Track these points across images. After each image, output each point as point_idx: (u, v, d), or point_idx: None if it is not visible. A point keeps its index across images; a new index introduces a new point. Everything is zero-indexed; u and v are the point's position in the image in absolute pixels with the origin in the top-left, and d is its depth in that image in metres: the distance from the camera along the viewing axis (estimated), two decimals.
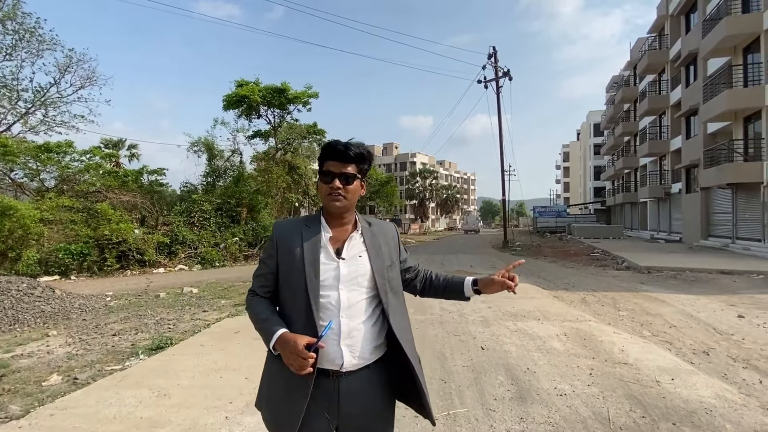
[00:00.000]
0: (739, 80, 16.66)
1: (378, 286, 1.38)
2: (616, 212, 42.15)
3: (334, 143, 1.40)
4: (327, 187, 1.37)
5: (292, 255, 1.36)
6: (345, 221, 1.44)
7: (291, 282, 1.35)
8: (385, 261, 1.43)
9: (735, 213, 17.75)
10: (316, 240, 1.38)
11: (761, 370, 4.10)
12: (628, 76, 36.64)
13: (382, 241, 1.47)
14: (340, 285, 1.33)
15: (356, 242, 1.42)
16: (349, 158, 1.38)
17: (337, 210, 1.40)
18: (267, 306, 1.40)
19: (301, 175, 26.33)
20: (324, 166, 1.40)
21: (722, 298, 7.86)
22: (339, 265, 1.35)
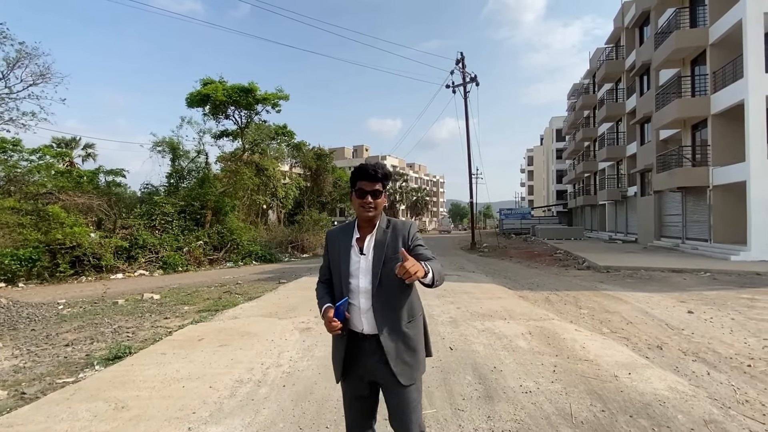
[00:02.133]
0: (688, 90, 17.79)
1: (373, 275, 1.80)
2: (578, 214, 43.91)
3: (365, 167, 1.85)
4: (361, 201, 1.83)
5: (334, 253, 1.93)
6: (373, 225, 1.89)
7: (335, 272, 1.91)
8: (388, 253, 1.81)
9: (685, 215, 18.91)
10: (348, 241, 1.89)
11: (709, 363, 4.38)
12: (588, 84, 38.34)
13: (391, 237, 1.85)
14: (360, 274, 1.82)
15: (371, 242, 1.85)
16: (377, 178, 1.83)
17: (368, 218, 1.86)
18: (323, 288, 1.97)
19: (269, 176, 25.85)
20: (357, 185, 1.85)
21: (674, 295, 8.33)
22: (361, 260, 1.83)
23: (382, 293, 1.79)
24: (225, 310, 7.25)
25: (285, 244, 22.51)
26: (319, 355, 4.58)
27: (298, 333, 5.51)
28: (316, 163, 39.53)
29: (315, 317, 6.44)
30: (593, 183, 36.81)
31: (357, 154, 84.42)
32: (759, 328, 5.70)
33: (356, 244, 1.86)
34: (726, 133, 15.80)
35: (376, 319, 1.78)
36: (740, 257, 13.43)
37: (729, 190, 15.58)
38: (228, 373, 4.03)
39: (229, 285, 10.89)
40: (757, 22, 13.78)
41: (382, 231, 1.87)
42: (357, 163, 1.89)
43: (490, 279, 10.95)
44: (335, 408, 3.23)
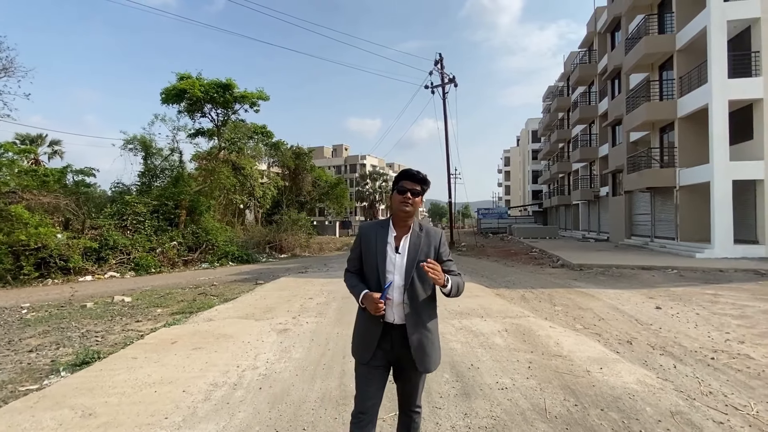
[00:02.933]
0: (656, 94, 18.48)
1: (406, 272, 1.99)
2: (552, 214, 44.98)
3: (408, 170, 2.08)
4: (401, 197, 2.03)
5: (369, 247, 2.07)
6: (407, 225, 2.07)
7: (369, 264, 2.06)
8: (420, 256, 2.01)
9: (653, 214, 19.63)
10: (385, 238, 2.06)
11: (675, 356, 4.55)
12: (562, 86, 39.32)
13: (424, 242, 2.05)
14: (396, 270, 2.00)
15: (407, 242, 2.04)
16: (418, 180, 2.05)
17: (405, 214, 2.04)
18: (355, 277, 2.12)
19: (246, 175, 25.42)
20: (400, 184, 2.05)
21: (643, 291, 8.64)
22: (397, 257, 2.01)
23: (412, 291, 2.00)
24: (200, 312, 7.08)
25: (263, 244, 22.17)
26: (296, 356, 4.53)
27: (275, 334, 5.44)
28: (294, 162, 39.13)
29: (293, 318, 6.37)
30: (567, 183, 37.78)
31: (336, 154, 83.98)
32: (721, 323, 5.97)
33: (393, 242, 2.04)
34: (691, 135, 16.49)
35: (405, 312, 1.98)
36: (704, 255, 14.04)
37: (694, 191, 16.27)
38: (202, 376, 3.93)
39: (204, 286, 10.65)
40: (720, 30, 14.43)
41: (416, 234, 2.06)
42: (336, 163, 1.95)
43: (468, 277, 11.08)
44: (312, 409, 3.20)
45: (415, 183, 2.04)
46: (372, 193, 66.48)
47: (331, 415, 3.11)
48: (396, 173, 10.64)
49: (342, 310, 6.89)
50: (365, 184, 66.82)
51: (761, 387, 3.66)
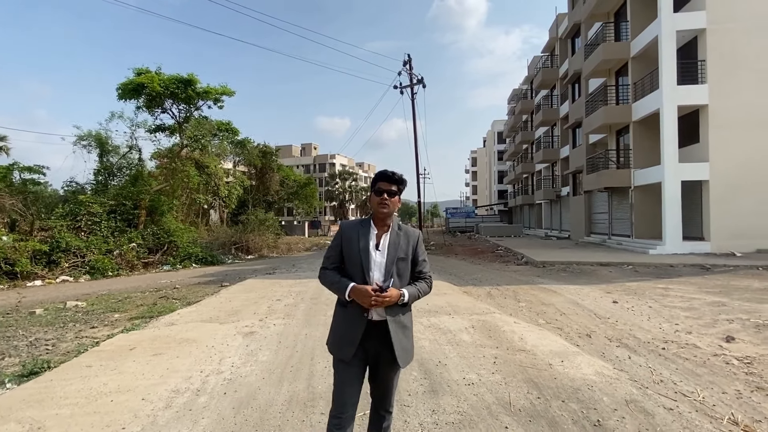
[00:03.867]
0: (613, 99, 19.40)
1: (386, 270, 2.04)
2: (517, 213, 46.36)
3: (385, 171, 2.12)
4: (379, 199, 2.08)
5: (351, 244, 2.09)
6: (386, 224, 2.13)
7: (351, 261, 2.08)
8: (399, 253, 2.08)
9: (611, 213, 20.61)
10: (367, 236, 2.10)
11: (630, 348, 4.80)
12: (526, 89, 40.58)
13: (403, 241, 2.12)
14: (375, 267, 2.05)
15: (386, 240, 2.10)
16: (394, 181, 2.09)
17: (384, 215, 2.10)
18: (336, 273, 2.11)
19: (210, 174, 24.66)
20: (376, 186, 2.09)
21: (601, 287, 9.05)
22: (377, 255, 2.06)
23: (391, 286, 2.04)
24: (161, 316, 6.80)
25: (228, 245, 21.57)
26: (263, 359, 4.44)
27: (241, 338, 5.30)
28: (261, 160, 38.35)
29: (260, 321, 6.24)
30: (531, 183, 39.04)
31: (305, 153, 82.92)
32: (671, 315, 6.34)
33: (375, 239, 2.09)
34: (645, 138, 17.43)
35: (385, 309, 2.01)
36: (657, 251, 14.89)
37: (647, 191, 17.22)
38: (163, 383, 3.78)
39: (165, 289, 10.24)
40: (670, 39, 15.33)
41: (395, 233, 2.13)
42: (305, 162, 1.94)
43: (436, 276, 11.23)
44: (279, 413, 3.15)
45: (391, 184, 2.09)
46: (342, 192, 66.16)
47: (298, 417, 3.07)
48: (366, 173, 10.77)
49: (311, 312, 6.81)
50: (335, 183, 66.40)
51: (706, 374, 3.92)
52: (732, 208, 14.71)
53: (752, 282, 9.15)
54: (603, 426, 2.84)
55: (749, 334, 5.24)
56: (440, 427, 2.87)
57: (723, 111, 14.85)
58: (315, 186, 51.05)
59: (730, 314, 6.26)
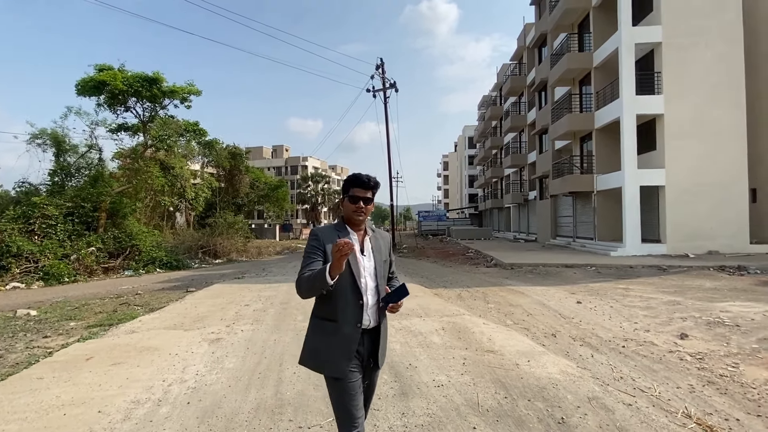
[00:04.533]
0: (577, 107, 20.18)
1: (378, 275, 2.00)
2: (487, 216, 47.34)
3: (359, 175, 2.01)
4: (354, 206, 1.98)
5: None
6: (361, 228, 2.05)
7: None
8: (383, 257, 2.07)
9: (575, 216, 21.38)
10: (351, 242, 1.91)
11: (592, 346, 4.98)
12: (496, 96, 41.60)
13: (382, 243, 2.10)
14: (366, 273, 1.96)
15: (369, 244, 2.03)
16: (369, 186, 2.01)
17: (359, 222, 2.02)
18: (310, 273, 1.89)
19: (176, 175, 23.86)
20: (350, 191, 1.99)
21: (566, 287, 9.36)
22: (364, 259, 1.98)
23: (379, 291, 2.01)
24: (121, 324, 6.50)
25: (195, 249, 20.90)
26: (229, 366, 4.31)
27: (206, 345, 5.14)
28: (230, 162, 37.45)
29: (227, 327, 6.07)
30: (500, 187, 39.98)
31: (276, 155, 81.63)
32: (631, 314, 6.63)
33: (358, 244, 1.99)
34: (607, 145, 18.21)
35: (378, 313, 1.99)
36: (618, 253, 15.55)
37: (609, 195, 17.97)
38: (121, 394, 3.60)
39: (126, 296, 9.80)
40: (629, 52, 16.12)
41: (374, 236, 2.08)
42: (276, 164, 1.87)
43: (408, 278, 11.29)
44: (246, 421, 3.06)
45: (367, 190, 2.00)
46: (314, 195, 65.45)
47: (266, 425, 3.00)
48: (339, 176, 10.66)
49: (280, 316, 6.69)
50: (307, 186, 65.61)
51: (662, 370, 4.12)
52: (685, 212, 15.58)
53: (704, 282, 9.70)
54: (567, 423, 2.93)
55: (701, 331, 5.55)
56: (409, 430, 2.87)
57: (677, 121, 15.73)
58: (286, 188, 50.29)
59: (684, 313, 6.61)
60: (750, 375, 3.93)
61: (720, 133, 15.64)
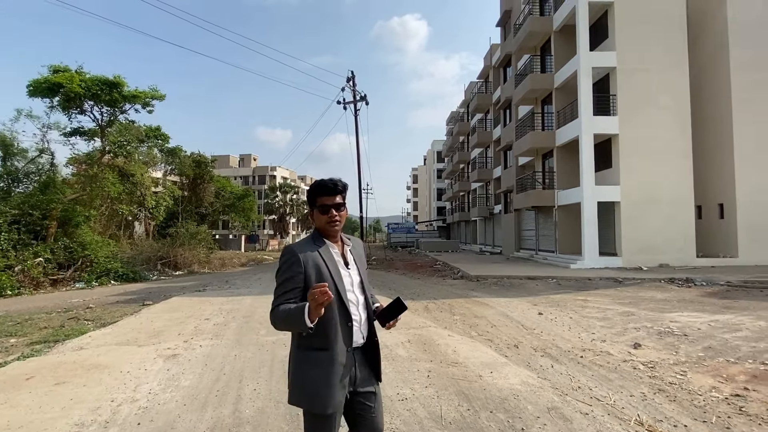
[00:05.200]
0: (539, 125, 21.06)
1: (365, 287, 1.86)
2: (455, 229, 48.16)
3: (323, 182, 1.82)
4: (326, 217, 1.79)
5: (318, 269, 1.73)
6: (337, 239, 1.86)
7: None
8: (365, 266, 1.93)
9: (537, 230, 22.12)
10: (331, 255, 1.80)
11: (553, 357, 5.11)
12: (463, 112, 42.78)
13: (361, 252, 1.97)
14: (354, 288, 1.81)
15: (350, 255, 1.87)
16: (337, 191, 1.80)
17: (335, 233, 1.83)
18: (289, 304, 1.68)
19: (136, 183, 22.86)
20: (318, 201, 1.80)
21: (529, 299, 9.61)
22: (350, 273, 1.82)
23: (368, 304, 1.88)
24: (68, 340, 6.08)
25: (154, 260, 19.99)
26: (185, 384, 4.11)
27: (161, 361, 4.89)
28: (195, 170, 36.36)
29: (184, 342, 5.80)
30: (467, 201, 40.88)
31: (244, 164, 79.99)
32: (589, 325, 6.88)
33: (341, 257, 1.83)
34: (567, 162, 19.05)
35: (369, 327, 1.85)
36: (577, 265, 16.16)
37: (569, 210, 18.74)
38: (64, 416, 3.35)
39: (76, 310, 9.20)
40: (587, 75, 17.04)
41: (351, 245, 1.91)
42: (243, 173, 1.79)
43: (376, 291, 11.21)
44: None
45: (335, 195, 1.79)
46: (282, 205, 64.38)
47: None
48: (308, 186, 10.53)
49: (242, 331, 6.47)
50: (275, 196, 64.46)
51: (617, 379, 4.28)
52: (639, 227, 16.46)
53: (656, 293, 10.23)
54: None
55: (653, 340, 5.82)
56: None
57: (631, 140, 16.70)
58: (253, 198, 49.26)
59: (638, 323, 6.92)
60: (696, 382, 4.15)
61: (669, 154, 16.72)
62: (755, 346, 5.41)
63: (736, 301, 8.88)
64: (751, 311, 7.76)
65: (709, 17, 18.17)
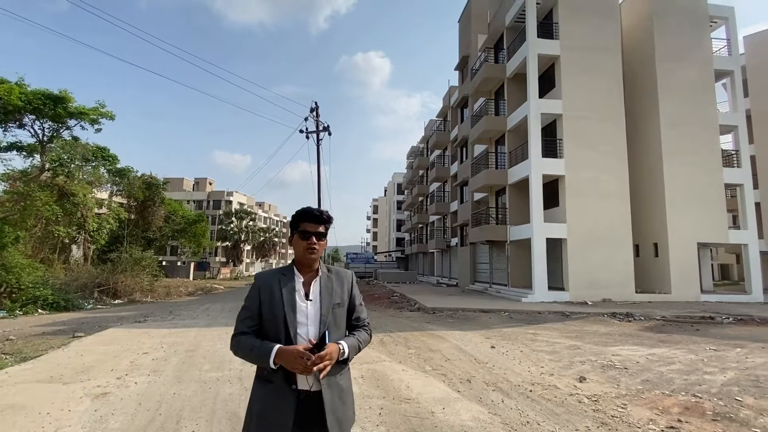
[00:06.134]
0: (493, 163, 22.14)
1: (323, 319, 1.73)
2: (413, 260, 48.53)
3: (309, 209, 1.82)
4: (305, 243, 1.78)
5: (273, 298, 1.73)
6: (313, 269, 1.82)
7: (274, 319, 1.71)
8: (334, 299, 1.80)
9: (491, 263, 22.77)
10: (291, 285, 1.76)
11: (503, 391, 5.17)
12: (423, 148, 44.24)
13: (337, 284, 1.84)
14: (309, 321, 1.72)
15: (317, 286, 1.79)
16: (321, 220, 1.81)
17: (311, 261, 1.80)
18: (254, 338, 1.72)
19: (77, 204, 21.37)
20: (300, 227, 1.80)
21: (482, 332, 9.74)
22: (308, 305, 1.74)
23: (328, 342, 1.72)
24: None
25: (91, 287, 18.48)
26: (114, 426, 3.75)
27: (89, 401, 4.44)
28: (144, 192, 34.58)
29: (117, 379, 5.33)
30: (425, 233, 41.57)
31: (199, 187, 77.16)
32: (538, 358, 7.05)
33: (302, 288, 1.77)
34: (519, 199, 20.02)
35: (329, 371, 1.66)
36: (528, 299, 16.70)
37: (520, 245, 19.52)
38: None
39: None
40: (536, 119, 18.29)
41: (326, 276, 1.84)
42: (198, 197, 1.73)
43: None
44: None
45: (319, 224, 1.81)
46: (237, 232, 62.19)
47: None
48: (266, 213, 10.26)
49: (184, 366, 6.05)
50: (230, 222, 62.28)
51: (564, 413, 4.38)
52: (584, 263, 17.40)
53: (600, 327, 10.73)
54: None
55: (597, 374, 6.06)
56: None
57: (575, 181, 17.91)
58: (206, 224, 47.34)
59: (583, 356, 7.19)
60: (636, 415, 4.34)
61: (609, 195, 18.04)
62: (687, 379, 5.77)
63: (670, 335, 9.50)
64: (683, 345, 8.31)
65: (642, 76, 20.31)
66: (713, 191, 18.87)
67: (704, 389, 5.26)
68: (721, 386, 5.42)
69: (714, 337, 9.28)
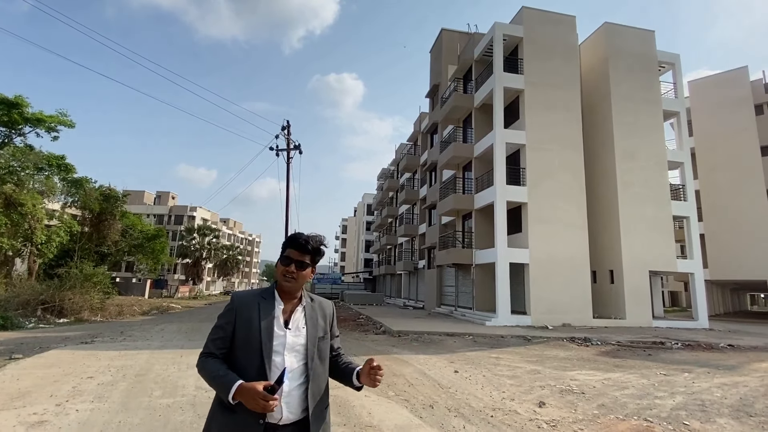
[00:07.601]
0: (460, 188, 22.73)
1: (308, 353, 1.67)
2: (381, 281, 48.34)
3: (298, 236, 1.75)
4: (284, 269, 1.70)
5: (249, 322, 1.64)
6: (294, 297, 1.75)
7: (247, 345, 1.61)
8: (318, 332, 1.74)
9: (457, 286, 23.03)
10: (271, 311, 1.67)
11: (465, 417, 5.17)
12: (393, 170, 44.84)
13: (320, 315, 1.79)
14: (285, 351, 1.63)
15: (300, 315, 1.72)
16: (306, 250, 1.72)
17: (288, 289, 1.72)
18: (221, 364, 1.61)
19: (25, 214, 20.05)
20: (285, 252, 1.72)
21: (446, 356, 9.76)
22: (286, 334, 1.65)
23: (314, 375, 1.67)
24: None
25: (34, 304, 17.17)
26: None
27: (23, 430, 4.08)
28: (101, 204, 32.92)
29: (57, 405, 4.94)
30: (393, 254, 41.66)
31: (160, 201, 74.42)
32: (500, 383, 7.13)
33: (281, 315, 1.68)
34: (484, 224, 20.53)
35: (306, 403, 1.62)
36: (492, 322, 16.94)
37: (485, 269, 19.91)
38: None
39: None
40: (501, 148, 19.03)
41: (310, 306, 1.77)
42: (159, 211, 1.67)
43: None
44: None
45: (304, 254, 1.71)
46: (199, 249, 59.93)
47: None
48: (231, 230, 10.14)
49: (132, 392, 5.69)
50: (192, 238, 60.00)
51: None
52: (545, 288, 17.93)
53: (559, 352, 11.00)
54: None
55: (556, 399, 6.18)
56: None
57: (537, 209, 18.62)
58: (165, 239, 45.47)
59: (543, 381, 7.33)
60: None
61: (568, 223, 18.85)
62: (639, 403, 5.99)
63: (625, 360, 9.87)
64: (636, 369, 8.65)
65: (599, 113, 21.67)
66: (663, 222, 20.11)
67: (655, 413, 5.48)
68: (671, 410, 5.66)
69: (664, 362, 9.72)
